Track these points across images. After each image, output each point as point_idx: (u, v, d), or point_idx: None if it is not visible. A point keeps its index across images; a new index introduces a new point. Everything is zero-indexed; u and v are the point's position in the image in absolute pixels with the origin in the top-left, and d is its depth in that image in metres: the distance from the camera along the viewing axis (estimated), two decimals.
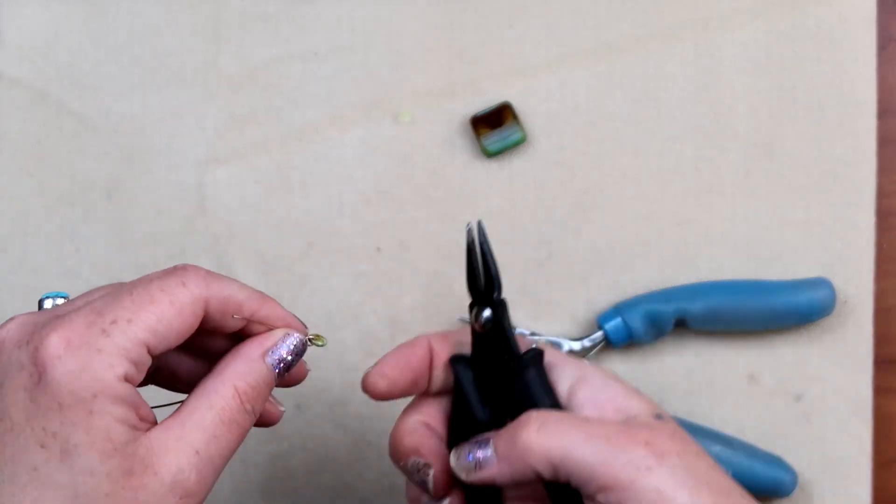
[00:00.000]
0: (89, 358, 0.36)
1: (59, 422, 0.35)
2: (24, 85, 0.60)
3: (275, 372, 0.40)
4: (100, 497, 0.35)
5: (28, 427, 0.35)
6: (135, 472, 0.36)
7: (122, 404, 0.36)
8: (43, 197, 0.60)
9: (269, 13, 0.60)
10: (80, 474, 0.35)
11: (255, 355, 0.40)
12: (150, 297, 0.38)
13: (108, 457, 0.35)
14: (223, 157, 0.60)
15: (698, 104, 0.59)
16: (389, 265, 0.59)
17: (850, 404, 0.58)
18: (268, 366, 0.40)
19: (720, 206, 0.59)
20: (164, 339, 0.38)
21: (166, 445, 0.37)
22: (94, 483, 0.35)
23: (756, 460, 0.56)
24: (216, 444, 0.38)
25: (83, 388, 0.35)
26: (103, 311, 0.37)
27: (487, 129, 0.58)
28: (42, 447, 0.35)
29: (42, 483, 0.35)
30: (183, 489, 0.36)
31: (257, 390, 0.39)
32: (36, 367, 0.36)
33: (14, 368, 0.36)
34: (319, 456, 0.59)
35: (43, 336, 0.36)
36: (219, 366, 0.40)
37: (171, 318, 0.38)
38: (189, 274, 0.39)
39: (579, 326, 0.58)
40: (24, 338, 0.37)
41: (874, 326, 0.58)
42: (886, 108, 0.59)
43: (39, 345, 0.36)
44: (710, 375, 0.58)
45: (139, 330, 0.37)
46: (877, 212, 0.58)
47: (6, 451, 0.35)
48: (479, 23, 0.60)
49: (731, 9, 0.59)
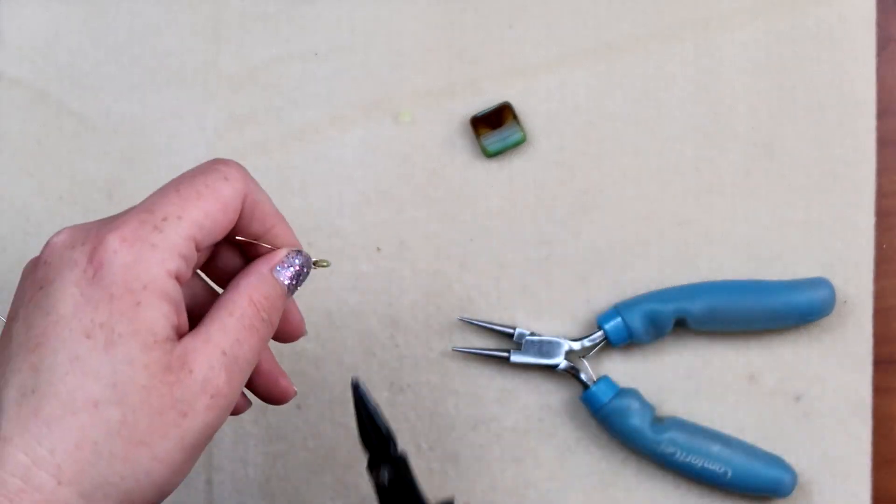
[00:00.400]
0: (143, 252, 0.37)
1: (108, 312, 0.36)
2: (24, 85, 0.60)
3: (285, 287, 0.42)
4: (137, 388, 0.36)
5: (75, 319, 0.36)
6: (172, 367, 0.37)
7: (169, 302, 0.37)
8: (43, 197, 0.60)
9: (269, 13, 0.60)
10: (121, 364, 0.36)
11: (264, 270, 0.41)
12: (196, 192, 0.39)
13: (148, 349, 0.36)
14: (223, 157, 0.60)
15: (698, 104, 0.59)
16: (389, 265, 0.59)
17: (850, 404, 0.58)
18: (278, 280, 0.42)
19: (720, 206, 0.59)
20: (210, 233, 0.39)
21: (196, 346, 0.38)
22: (133, 373, 0.36)
23: (756, 460, 0.56)
24: (240, 346, 0.39)
25: (135, 280, 0.37)
26: (153, 209, 0.38)
27: (487, 130, 0.58)
28: (87, 337, 0.36)
29: (83, 371, 0.36)
30: (214, 387, 0.37)
31: (270, 301, 0.41)
32: (92, 264, 0.37)
33: (67, 267, 0.37)
34: (319, 456, 0.59)
35: (101, 235, 0.37)
36: (232, 283, 0.41)
37: (216, 212, 0.39)
38: (231, 169, 0.40)
39: (579, 326, 0.58)
40: (77, 240, 0.38)
41: (874, 326, 0.58)
42: (886, 109, 0.59)
43: (97, 244, 0.37)
44: (710, 375, 0.58)
45: (188, 225, 0.38)
46: (876, 212, 0.58)
47: (49, 342, 0.36)
48: (479, 23, 0.60)
49: (731, 9, 0.59)
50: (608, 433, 0.57)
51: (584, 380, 0.57)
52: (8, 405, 0.36)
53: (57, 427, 0.35)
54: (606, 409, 0.56)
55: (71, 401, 0.36)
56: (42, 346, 0.36)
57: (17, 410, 0.36)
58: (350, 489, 0.59)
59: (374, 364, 0.59)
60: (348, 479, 0.59)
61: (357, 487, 0.59)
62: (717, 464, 0.55)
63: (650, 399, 0.58)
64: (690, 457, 0.55)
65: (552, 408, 0.58)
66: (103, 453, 0.36)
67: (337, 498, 0.59)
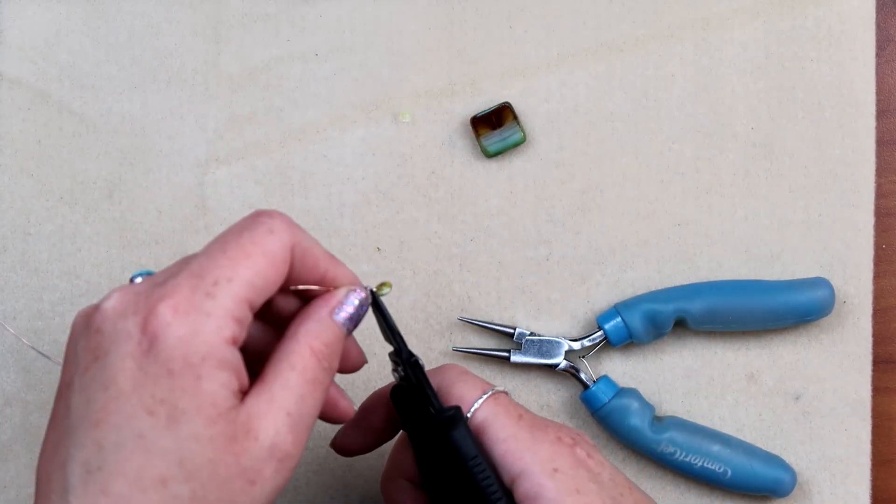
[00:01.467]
0: (198, 322, 0.36)
1: (169, 388, 0.35)
2: (24, 85, 0.60)
3: (344, 329, 0.41)
4: (204, 463, 0.35)
5: (135, 395, 0.36)
6: (237, 437, 0.36)
7: (228, 369, 0.36)
8: (43, 197, 0.60)
9: (269, 13, 0.60)
10: (186, 440, 0.35)
11: (323, 314, 0.41)
12: (244, 251, 0.38)
13: (212, 423, 0.36)
14: (223, 157, 0.60)
15: (698, 104, 0.59)
16: (389, 265, 0.59)
17: (849, 404, 0.58)
18: (337, 323, 0.41)
19: (720, 206, 0.59)
20: (263, 291, 0.38)
21: (260, 409, 0.37)
22: (199, 449, 0.35)
23: (755, 459, 0.56)
24: (304, 403, 0.38)
25: (193, 353, 0.36)
26: (203, 274, 0.37)
27: (487, 130, 0.58)
28: (150, 414, 0.35)
29: (147, 450, 0.35)
30: (281, 452, 0.37)
31: (331, 348, 0.40)
32: (146, 336, 0.36)
33: (122, 338, 0.36)
34: (319, 456, 0.59)
35: (151, 305, 0.36)
36: (290, 329, 0.40)
37: (266, 269, 0.38)
38: (275, 221, 0.39)
39: (579, 326, 0.59)
40: (128, 308, 0.37)
41: (873, 326, 0.58)
42: (885, 109, 0.59)
43: (149, 314, 0.36)
44: (710, 375, 0.58)
45: (240, 288, 0.37)
46: (876, 212, 0.58)
47: (111, 419, 0.36)
48: (479, 23, 0.60)
49: (731, 9, 0.59)
50: (608, 433, 0.57)
51: (583, 379, 0.57)
52: (75, 482, 0.35)
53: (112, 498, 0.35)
54: (606, 408, 0.56)
55: (138, 479, 0.35)
56: (104, 423, 0.36)
57: (84, 489, 0.35)
58: (350, 489, 0.59)
59: (374, 364, 0.59)
60: (348, 479, 0.59)
61: (357, 487, 0.59)
62: (717, 463, 0.55)
63: (650, 399, 0.58)
64: (690, 456, 0.55)
65: (552, 408, 0.58)
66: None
67: (337, 498, 0.59)
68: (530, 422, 0.43)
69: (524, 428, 0.43)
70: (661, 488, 0.58)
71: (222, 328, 0.37)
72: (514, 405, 0.44)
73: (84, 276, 0.59)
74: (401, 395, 0.44)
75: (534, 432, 0.43)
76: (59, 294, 0.59)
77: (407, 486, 0.46)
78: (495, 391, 0.44)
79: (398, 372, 0.44)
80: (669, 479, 0.58)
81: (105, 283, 0.59)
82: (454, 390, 0.44)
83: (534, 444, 0.42)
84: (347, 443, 0.47)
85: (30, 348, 0.58)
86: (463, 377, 0.45)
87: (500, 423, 0.43)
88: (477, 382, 0.44)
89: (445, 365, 0.46)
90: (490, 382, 0.45)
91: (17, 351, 0.59)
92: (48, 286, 0.59)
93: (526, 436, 0.43)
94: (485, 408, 0.43)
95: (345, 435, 0.47)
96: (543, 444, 0.42)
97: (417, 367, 0.44)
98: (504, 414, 0.43)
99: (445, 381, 0.45)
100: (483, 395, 0.44)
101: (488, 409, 0.43)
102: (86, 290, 0.59)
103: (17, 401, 0.59)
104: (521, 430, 0.43)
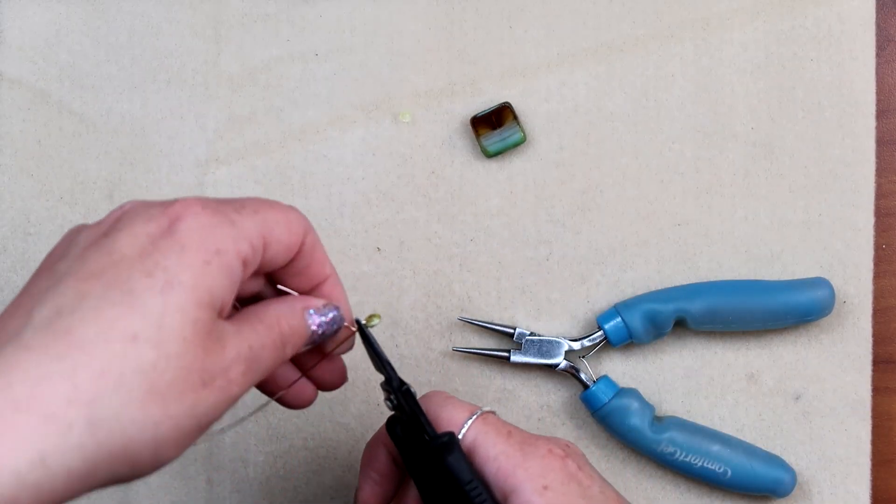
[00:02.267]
0: (223, 223, 0.38)
1: (176, 260, 0.36)
2: (24, 85, 0.60)
3: (309, 330, 0.42)
4: (178, 338, 0.35)
5: (138, 261, 0.36)
6: (212, 336, 0.36)
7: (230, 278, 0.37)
8: (43, 197, 0.60)
9: (269, 13, 0.60)
10: (173, 308, 0.35)
11: (297, 307, 0.42)
12: (269, 204, 0.40)
13: (202, 307, 0.36)
14: (223, 157, 0.60)
15: (698, 104, 0.59)
16: (389, 265, 0.59)
17: (849, 404, 0.58)
18: (305, 323, 0.42)
19: (719, 206, 0.59)
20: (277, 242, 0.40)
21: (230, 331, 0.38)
22: (181, 323, 0.35)
23: (755, 459, 0.56)
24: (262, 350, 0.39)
25: (210, 241, 0.37)
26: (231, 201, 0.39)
27: (487, 130, 0.58)
28: (147, 276, 0.35)
29: (131, 306, 0.35)
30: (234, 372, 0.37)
31: (293, 337, 0.41)
32: (168, 218, 0.37)
33: (141, 219, 0.37)
34: (319, 456, 0.59)
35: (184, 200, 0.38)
36: (263, 302, 0.41)
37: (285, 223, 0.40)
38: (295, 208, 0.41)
39: (579, 326, 0.59)
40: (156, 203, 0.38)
41: (873, 326, 0.58)
42: (885, 109, 0.59)
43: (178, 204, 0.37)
44: (710, 375, 0.58)
45: (263, 221, 0.39)
46: (875, 212, 0.58)
47: (105, 276, 0.35)
48: (479, 23, 0.60)
49: (731, 9, 0.59)
50: (608, 433, 0.57)
51: (583, 379, 0.57)
52: (39, 320, 0.34)
53: (87, 349, 0.34)
54: (606, 408, 0.56)
55: (110, 329, 0.34)
56: (95, 278, 0.35)
57: (48, 325, 0.34)
58: (350, 489, 0.59)
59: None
60: (348, 479, 0.59)
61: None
62: (717, 463, 0.55)
63: (650, 399, 0.58)
64: (690, 456, 0.55)
65: (552, 408, 0.58)
66: (123, 389, 0.34)
67: (337, 498, 0.59)
68: (520, 438, 0.44)
69: (514, 445, 0.43)
70: (661, 488, 0.58)
71: (239, 240, 0.38)
72: (502, 423, 0.44)
73: None
74: (395, 425, 0.45)
75: (524, 448, 0.43)
76: None
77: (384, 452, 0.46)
78: (483, 412, 0.45)
79: (391, 401, 0.45)
80: (669, 479, 0.58)
81: None
82: (443, 413, 0.44)
83: (525, 461, 0.43)
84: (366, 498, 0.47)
85: None
86: (450, 401, 0.45)
87: (491, 441, 0.43)
88: (464, 405, 0.45)
89: (429, 392, 0.47)
90: (475, 404, 0.45)
91: None
92: None
93: (516, 452, 0.43)
94: (474, 428, 0.44)
95: (361, 491, 0.47)
96: (534, 459, 0.43)
97: (409, 396, 0.44)
98: (494, 432, 0.44)
99: (432, 406, 0.45)
100: (472, 417, 0.44)
101: (477, 428, 0.44)
102: None
103: None
104: (511, 447, 0.43)
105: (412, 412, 0.44)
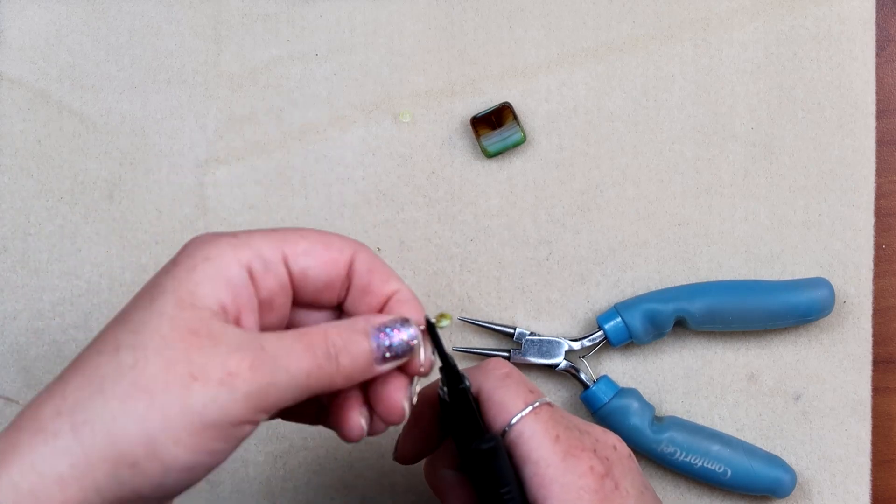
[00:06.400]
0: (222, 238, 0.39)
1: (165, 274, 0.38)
2: (25, 85, 0.60)
3: (374, 353, 0.40)
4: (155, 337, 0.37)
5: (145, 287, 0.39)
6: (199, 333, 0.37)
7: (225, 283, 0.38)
8: (44, 197, 0.60)
9: (269, 13, 0.60)
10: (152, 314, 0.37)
11: (358, 326, 0.40)
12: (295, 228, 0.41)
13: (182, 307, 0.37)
14: (223, 158, 0.60)
15: (698, 104, 0.59)
16: (389, 265, 0.59)
17: (849, 404, 0.58)
18: (368, 338, 0.40)
19: (719, 205, 0.59)
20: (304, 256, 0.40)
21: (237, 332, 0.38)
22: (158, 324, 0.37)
23: (755, 460, 0.56)
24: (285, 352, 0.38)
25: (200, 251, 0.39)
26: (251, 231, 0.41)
27: (487, 130, 0.58)
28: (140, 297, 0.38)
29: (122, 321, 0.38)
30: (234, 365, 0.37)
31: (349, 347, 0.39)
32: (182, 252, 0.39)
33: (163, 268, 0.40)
34: (319, 456, 0.59)
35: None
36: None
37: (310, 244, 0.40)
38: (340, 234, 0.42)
39: (579, 326, 0.59)
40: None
41: (873, 326, 0.58)
42: (885, 109, 0.59)
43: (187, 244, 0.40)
44: (710, 375, 0.58)
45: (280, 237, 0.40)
46: (875, 212, 0.59)
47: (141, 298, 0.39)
48: (479, 23, 0.60)
49: (731, 9, 0.59)
50: None
51: (583, 379, 0.57)
52: None
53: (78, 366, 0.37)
54: (606, 408, 0.56)
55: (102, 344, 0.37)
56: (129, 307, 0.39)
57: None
58: (350, 489, 0.59)
59: None
60: (348, 479, 0.59)
61: (357, 487, 0.59)
62: (717, 463, 0.56)
63: (650, 399, 0.58)
64: (690, 456, 0.56)
65: None
66: (105, 391, 0.36)
67: (337, 498, 0.59)
68: (566, 445, 0.42)
69: (558, 452, 0.42)
70: (661, 488, 0.58)
71: (240, 249, 0.39)
72: (553, 423, 0.43)
73: (84, 277, 0.59)
74: (447, 407, 0.44)
75: (567, 460, 0.42)
76: (59, 294, 0.59)
77: (450, 474, 0.45)
78: (539, 404, 0.43)
79: (444, 389, 0.43)
80: (669, 479, 0.58)
81: (105, 283, 0.59)
82: (496, 396, 0.43)
83: (563, 474, 0.42)
84: (406, 450, 0.46)
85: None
86: (506, 382, 0.44)
87: (536, 441, 0.42)
88: (520, 391, 0.43)
89: (491, 361, 0.45)
90: (537, 389, 0.44)
91: (16, 351, 0.59)
92: (48, 286, 0.59)
93: (558, 462, 0.42)
94: (523, 423, 0.42)
95: (403, 443, 0.46)
96: (573, 475, 0.42)
97: (464, 395, 0.43)
98: (542, 433, 0.42)
99: (488, 383, 0.44)
100: (525, 409, 0.43)
101: (527, 424, 0.42)
102: (86, 291, 0.59)
103: (18, 400, 0.59)
104: (554, 454, 0.42)
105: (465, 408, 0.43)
